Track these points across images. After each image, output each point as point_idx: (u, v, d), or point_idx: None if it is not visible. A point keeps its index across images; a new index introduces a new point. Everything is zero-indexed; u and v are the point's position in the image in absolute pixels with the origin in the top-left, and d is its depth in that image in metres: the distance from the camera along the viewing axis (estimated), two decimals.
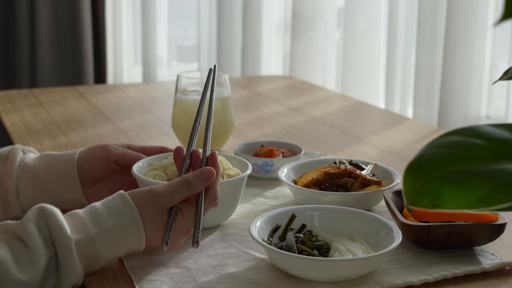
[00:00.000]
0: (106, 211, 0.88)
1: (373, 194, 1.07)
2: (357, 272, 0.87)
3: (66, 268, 0.84)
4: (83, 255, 0.85)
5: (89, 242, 0.86)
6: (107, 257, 0.87)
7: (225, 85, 1.34)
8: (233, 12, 2.45)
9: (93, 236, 0.86)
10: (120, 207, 0.89)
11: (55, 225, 0.85)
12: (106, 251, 0.87)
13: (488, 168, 0.56)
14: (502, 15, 0.50)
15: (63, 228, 0.85)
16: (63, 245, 0.84)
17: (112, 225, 0.87)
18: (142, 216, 0.88)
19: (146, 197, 0.90)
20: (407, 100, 2.01)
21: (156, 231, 0.89)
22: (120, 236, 0.87)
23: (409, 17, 1.97)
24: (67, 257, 0.84)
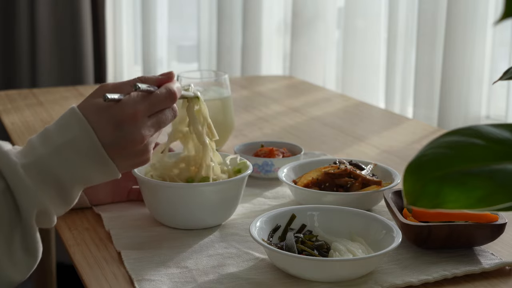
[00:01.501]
0: (55, 128, 0.84)
1: (373, 194, 1.07)
2: (357, 272, 0.87)
3: (20, 195, 0.80)
4: (38, 179, 0.81)
5: (39, 163, 0.81)
6: (71, 180, 0.83)
7: (225, 85, 1.34)
8: (233, 12, 2.45)
9: (43, 156, 0.82)
10: (68, 120, 0.84)
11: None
12: (64, 172, 0.82)
13: (488, 168, 0.56)
14: (502, 14, 0.50)
15: (6, 155, 0.81)
16: (9, 170, 0.80)
17: (62, 142, 0.83)
18: (91, 124, 0.84)
19: (91, 107, 0.85)
20: (407, 100, 2.01)
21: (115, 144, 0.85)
22: (73, 151, 0.83)
23: (409, 17, 1.97)
24: (16, 181, 0.80)
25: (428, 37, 1.87)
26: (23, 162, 0.81)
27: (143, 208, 1.08)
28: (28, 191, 0.80)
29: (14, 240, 0.80)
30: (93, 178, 0.86)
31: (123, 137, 0.85)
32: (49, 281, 1.86)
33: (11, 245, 0.80)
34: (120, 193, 1.12)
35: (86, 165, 0.84)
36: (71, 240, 1.00)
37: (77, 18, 2.53)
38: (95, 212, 1.09)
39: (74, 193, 0.85)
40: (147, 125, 0.87)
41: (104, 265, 0.93)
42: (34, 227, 0.81)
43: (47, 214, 0.83)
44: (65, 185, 0.83)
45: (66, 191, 0.83)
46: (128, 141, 0.86)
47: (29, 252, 0.82)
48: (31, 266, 0.82)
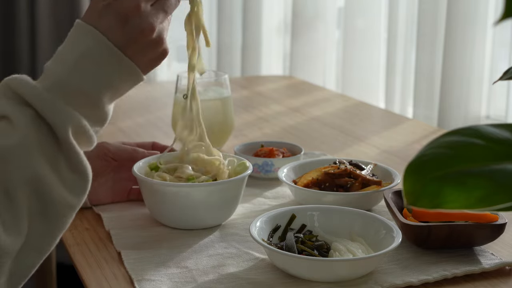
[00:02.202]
0: (66, 46, 0.84)
1: (373, 194, 1.07)
2: (357, 272, 0.87)
3: (50, 116, 0.79)
4: (64, 97, 0.80)
5: (61, 82, 0.81)
6: (97, 90, 0.82)
7: (225, 85, 1.34)
8: (233, 12, 2.45)
9: (62, 75, 0.81)
10: (77, 34, 0.84)
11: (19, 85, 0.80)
12: (88, 84, 0.82)
13: (488, 168, 0.56)
14: (502, 14, 0.50)
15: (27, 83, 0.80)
16: (33, 95, 0.80)
17: (76, 56, 0.82)
18: (100, 29, 0.84)
19: (93, 11, 0.86)
20: (407, 100, 2.01)
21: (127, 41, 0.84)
22: (90, 62, 0.82)
23: (409, 17, 1.97)
24: (42, 104, 0.79)
25: (428, 37, 1.87)
26: (44, 84, 0.81)
27: (143, 208, 1.08)
28: (58, 109, 0.80)
29: (60, 163, 0.80)
30: (119, 84, 0.85)
31: (131, 31, 0.84)
32: (49, 281, 1.85)
33: (59, 168, 0.80)
34: (120, 193, 1.12)
35: (106, 71, 0.83)
36: (71, 240, 1.00)
37: (77, 18, 2.53)
38: (95, 212, 1.09)
39: (105, 106, 0.84)
40: (152, 12, 0.86)
41: (104, 265, 0.93)
42: (75, 146, 0.81)
43: (84, 130, 0.82)
44: (93, 97, 0.82)
45: (96, 103, 0.83)
46: (138, 32, 0.85)
47: (78, 173, 0.81)
48: (84, 187, 0.82)
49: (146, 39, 0.86)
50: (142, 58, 0.86)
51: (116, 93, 0.86)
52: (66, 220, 0.81)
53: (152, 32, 0.86)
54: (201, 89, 1.33)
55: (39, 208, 0.79)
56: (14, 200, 0.77)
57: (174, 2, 0.89)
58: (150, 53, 0.87)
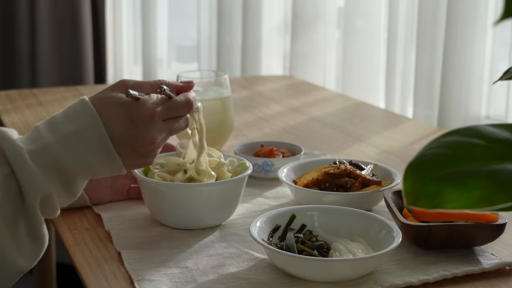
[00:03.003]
0: (63, 117, 0.84)
1: (373, 194, 1.07)
2: (357, 272, 0.87)
3: (24, 179, 0.79)
4: (43, 165, 0.80)
5: (45, 150, 0.81)
6: (75, 170, 0.82)
7: (225, 85, 1.34)
8: (233, 12, 2.45)
9: (49, 144, 0.81)
10: (78, 111, 0.84)
11: (3, 140, 0.80)
12: (70, 161, 0.82)
13: (488, 168, 0.56)
14: (502, 14, 0.50)
15: (11, 140, 0.80)
16: (14, 155, 0.80)
17: (69, 131, 0.82)
18: (103, 118, 0.84)
19: (107, 99, 0.86)
20: (407, 100, 2.01)
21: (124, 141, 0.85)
22: (81, 142, 0.82)
23: (409, 17, 1.97)
24: (21, 166, 0.79)
25: (428, 37, 1.87)
26: (29, 148, 0.81)
27: (143, 208, 1.08)
28: (33, 176, 0.80)
29: (19, 226, 0.80)
30: (98, 171, 0.86)
31: (135, 135, 0.85)
32: (49, 281, 1.85)
33: (16, 231, 0.80)
34: (120, 192, 1.12)
35: (92, 157, 0.84)
36: (71, 240, 1.00)
37: (77, 18, 2.53)
38: (95, 212, 1.09)
39: (78, 184, 0.85)
40: (160, 128, 0.88)
41: (104, 265, 0.93)
42: (39, 213, 0.81)
43: (51, 201, 0.82)
44: (69, 175, 0.83)
45: (70, 181, 0.83)
46: (139, 140, 0.86)
47: (35, 239, 0.81)
48: (38, 254, 0.82)
49: (142, 148, 0.87)
50: (129, 160, 0.87)
51: (93, 175, 0.86)
52: (9, 282, 0.81)
53: (151, 145, 0.87)
54: (201, 89, 1.33)
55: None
56: None
57: (183, 126, 0.92)
58: (139, 160, 0.88)
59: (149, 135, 0.86)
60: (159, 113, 0.87)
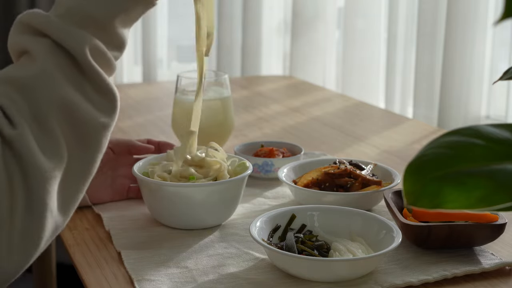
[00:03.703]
0: None
1: (373, 194, 1.07)
2: (357, 272, 0.87)
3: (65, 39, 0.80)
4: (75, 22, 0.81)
5: (71, 10, 0.82)
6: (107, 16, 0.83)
7: (225, 85, 1.34)
8: (233, 12, 2.45)
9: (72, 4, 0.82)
10: None
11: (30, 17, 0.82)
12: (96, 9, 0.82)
13: (488, 168, 0.56)
14: (502, 14, 0.50)
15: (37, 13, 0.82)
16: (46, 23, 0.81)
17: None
18: None
19: None
20: (407, 100, 2.01)
21: None
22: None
23: (409, 17, 1.97)
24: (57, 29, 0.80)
25: (428, 37, 1.87)
26: (56, 13, 0.82)
27: (143, 208, 1.08)
28: (72, 33, 0.80)
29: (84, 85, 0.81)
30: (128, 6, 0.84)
31: None
32: (49, 281, 1.85)
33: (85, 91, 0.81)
34: (120, 191, 1.12)
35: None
36: (71, 240, 1.00)
37: None
38: (95, 212, 1.09)
39: (117, 28, 0.84)
40: None
41: (104, 265, 0.93)
42: (95, 66, 0.81)
43: (101, 52, 0.82)
44: (104, 22, 0.83)
45: (107, 26, 0.83)
46: None
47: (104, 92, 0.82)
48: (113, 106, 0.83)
49: None
50: None
51: (128, 16, 0.85)
52: (101, 140, 0.82)
53: None
54: None
55: (73, 132, 0.79)
56: (47, 126, 0.78)
57: None
58: None
59: None
60: None
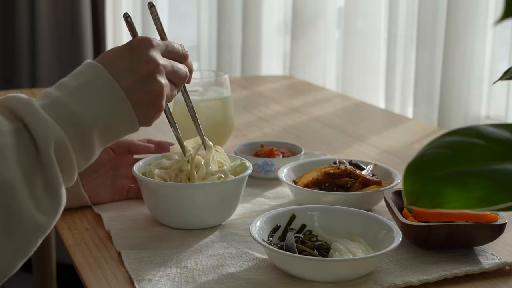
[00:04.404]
0: (69, 77, 0.85)
1: (373, 194, 1.07)
2: (357, 272, 0.87)
3: (36, 126, 0.78)
4: (55, 115, 0.80)
5: (56, 102, 0.81)
6: (88, 121, 0.81)
7: (225, 85, 1.34)
8: (233, 12, 2.45)
9: (59, 97, 0.81)
10: (82, 68, 0.85)
11: (12, 99, 0.80)
12: (81, 112, 0.81)
13: (488, 168, 0.56)
14: (502, 14, 0.50)
15: (21, 97, 0.80)
16: (25, 107, 0.79)
17: (76, 84, 0.83)
18: (105, 64, 0.85)
19: (107, 51, 0.87)
20: (407, 100, 2.01)
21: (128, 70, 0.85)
22: (88, 91, 0.83)
23: (409, 17, 1.97)
24: (31, 114, 0.78)
25: (428, 37, 1.87)
26: (40, 102, 0.81)
27: (143, 208, 1.08)
28: (45, 122, 0.78)
29: (35, 178, 0.77)
30: (112, 121, 0.84)
31: (136, 60, 0.85)
32: (49, 281, 1.85)
33: (32, 183, 0.77)
34: (120, 191, 1.12)
35: (103, 104, 0.83)
36: (71, 240, 1.00)
37: (77, 18, 2.53)
38: (95, 212, 1.09)
39: (94, 141, 0.83)
40: (160, 56, 0.88)
41: (104, 265, 0.93)
42: (54, 161, 0.78)
43: (66, 150, 0.80)
44: (83, 127, 0.81)
45: (85, 134, 0.82)
46: (142, 62, 0.86)
47: (52, 191, 0.78)
48: (56, 209, 0.79)
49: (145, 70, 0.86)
50: (137, 91, 0.86)
51: (108, 132, 0.84)
52: (31, 240, 0.78)
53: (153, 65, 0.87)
54: (201, 89, 1.33)
55: (3, 220, 0.75)
56: None
57: (184, 71, 0.92)
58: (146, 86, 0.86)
59: (150, 56, 0.86)
60: (158, 42, 0.88)
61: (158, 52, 0.88)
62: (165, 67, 0.88)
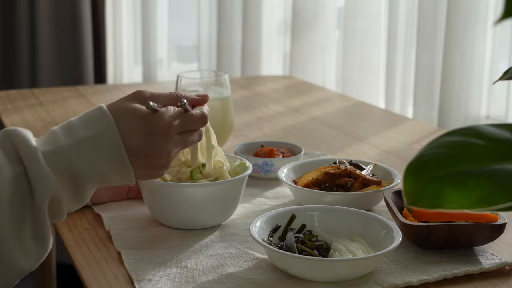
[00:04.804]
0: (80, 123, 0.85)
1: (373, 194, 1.07)
2: (357, 272, 0.87)
3: (36, 180, 0.80)
4: (56, 167, 0.81)
5: (60, 153, 0.82)
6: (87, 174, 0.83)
7: (225, 85, 1.34)
8: (233, 12, 2.45)
9: (64, 147, 0.82)
10: (96, 117, 0.85)
11: (18, 139, 0.81)
12: (82, 165, 0.82)
13: (488, 168, 0.56)
14: (502, 14, 0.50)
15: (27, 140, 0.81)
16: (28, 155, 0.80)
17: (85, 136, 0.83)
18: (120, 127, 0.85)
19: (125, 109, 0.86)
20: (407, 100, 2.01)
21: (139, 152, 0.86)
22: (95, 147, 0.83)
23: (409, 17, 1.97)
24: (34, 166, 0.80)
25: (428, 37, 1.87)
26: (44, 149, 0.82)
27: (143, 208, 1.08)
28: (45, 177, 0.80)
29: (25, 226, 0.80)
30: (109, 178, 0.86)
31: (151, 147, 0.87)
32: (49, 281, 1.86)
33: (22, 231, 0.80)
34: (120, 191, 1.12)
35: (105, 163, 0.84)
36: (71, 240, 1.00)
37: (77, 18, 2.53)
38: (95, 212, 1.09)
39: (87, 190, 0.85)
40: (175, 141, 0.89)
41: (104, 265, 0.93)
42: (46, 215, 0.81)
43: (59, 204, 0.83)
44: (81, 179, 0.83)
45: (81, 185, 0.84)
46: (155, 152, 0.87)
47: (40, 240, 0.82)
48: (41, 255, 0.83)
49: (157, 161, 0.88)
50: (141, 171, 0.88)
51: (104, 183, 0.87)
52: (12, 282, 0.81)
53: (166, 158, 0.89)
54: (201, 89, 1.33)
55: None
56: None
57: (196, 140, 0.93)
58: (150, 171, 0.90)
59: (165, 148, 0.88)
60: (176, 126, 0.88)
61: (173, 139, 0.88)
62: (177, 150, 0.91)
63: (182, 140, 0.90)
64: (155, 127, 0.87)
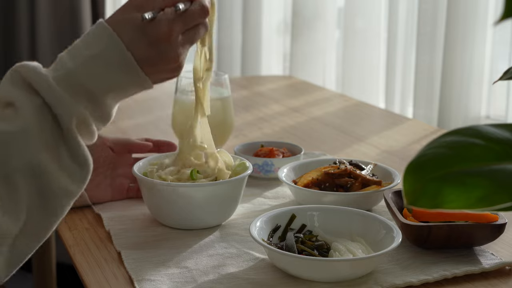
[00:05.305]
0: (83, 43, 0.85)
1: (373, 194, 1.07)
2: (357, 272, 0.87)
3: (56, 106, 0.82)
4: (70, 89, 0.82)
5: (69, 76, 0.83)
6: (101, 90, 0.84)
7: (225, 85, 1.34)
8: (233, 12, 2.45)
9: (72, 69, 0.83)
10: (96, 34, 0.85)
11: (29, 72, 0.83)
12: (94, 82, 0.83)
13: (488, 168, 0.56)
14: (502, 14, 0.50)
15: (37, 70, 0.83)
16: (41, 85, 0.82)
17: (90, 54, 0.84)
18: (127, 43, 0.85)
19: (123, 21, 0.86)
20: (407, 100, 2.01)
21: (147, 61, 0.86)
22: (102, 63, 0.84)
23: (409, 17, 1.97)
24: (50, 93, 0.82)
25: (428, 37, 1.87)
26: (54, 75, 0.83)
27: (143, 208, 1.08)
28: (63, 101, 0.82)
29: (61, 151, 0.82)
30: (126, 88, 0.87)
31: (157, 55, 0.86)
32: (49, 281, 1.85)
33: (60, 157, 0.82)
34: (119, 191, 1.12)
35: (116, 75, 0.85)
36: (71, 240, 1.00)
37: (77, 18, 2.53)
38: (95, 212, 1.09)
39: (108, 107, 0.86)
40: (181, 43, 0.88)
41: (104, 265, 0.93)
42: (77, 136, 0.83)
43: (86, 124, 0.84)
44: (97, 97, 0.84)
45: (99, 103, 0.85)
46: (163, 59, 0.87)
47: (79, 162, 0.83)
48: (84, 177, 0.84)
49: (167, 66, 0.88)
50: (154, 76, 0.88)
51: (122, 94, 0.87)
52: (64, 208, 0.83)
53: (176, 62, 0.88)
54: None
55: (37, 195, 0.80)
56: (13, 184, 0.79)
57: (203, 32, 0.91)
58: (165, 74, 0.90)
59: (172, 53, 0.87)
60: (177, 29, 0.87)
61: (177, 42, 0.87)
62: (186, 50, 0.89)
63: (188, 39, 0.89)
64: (156, 36, 0.86)
